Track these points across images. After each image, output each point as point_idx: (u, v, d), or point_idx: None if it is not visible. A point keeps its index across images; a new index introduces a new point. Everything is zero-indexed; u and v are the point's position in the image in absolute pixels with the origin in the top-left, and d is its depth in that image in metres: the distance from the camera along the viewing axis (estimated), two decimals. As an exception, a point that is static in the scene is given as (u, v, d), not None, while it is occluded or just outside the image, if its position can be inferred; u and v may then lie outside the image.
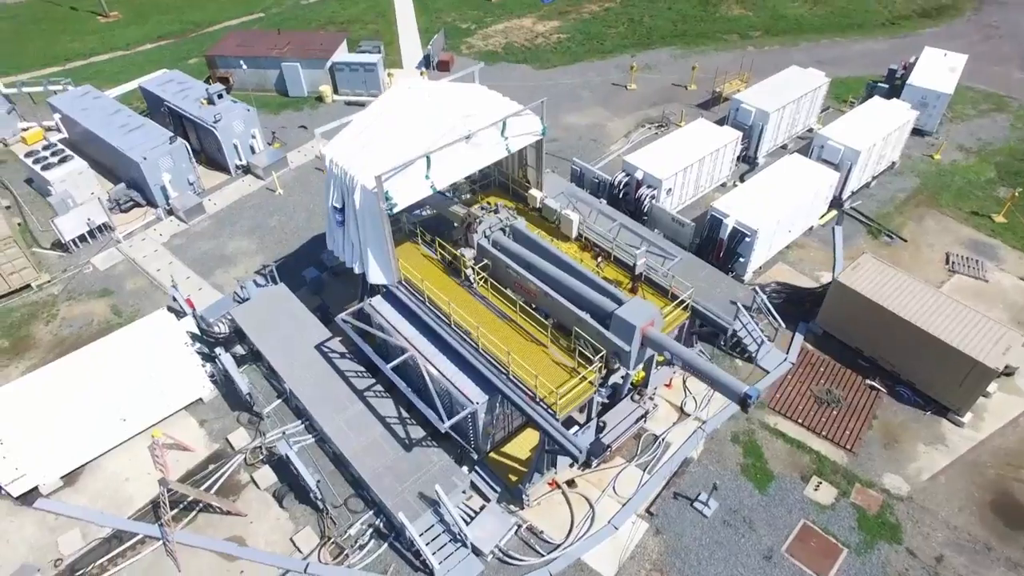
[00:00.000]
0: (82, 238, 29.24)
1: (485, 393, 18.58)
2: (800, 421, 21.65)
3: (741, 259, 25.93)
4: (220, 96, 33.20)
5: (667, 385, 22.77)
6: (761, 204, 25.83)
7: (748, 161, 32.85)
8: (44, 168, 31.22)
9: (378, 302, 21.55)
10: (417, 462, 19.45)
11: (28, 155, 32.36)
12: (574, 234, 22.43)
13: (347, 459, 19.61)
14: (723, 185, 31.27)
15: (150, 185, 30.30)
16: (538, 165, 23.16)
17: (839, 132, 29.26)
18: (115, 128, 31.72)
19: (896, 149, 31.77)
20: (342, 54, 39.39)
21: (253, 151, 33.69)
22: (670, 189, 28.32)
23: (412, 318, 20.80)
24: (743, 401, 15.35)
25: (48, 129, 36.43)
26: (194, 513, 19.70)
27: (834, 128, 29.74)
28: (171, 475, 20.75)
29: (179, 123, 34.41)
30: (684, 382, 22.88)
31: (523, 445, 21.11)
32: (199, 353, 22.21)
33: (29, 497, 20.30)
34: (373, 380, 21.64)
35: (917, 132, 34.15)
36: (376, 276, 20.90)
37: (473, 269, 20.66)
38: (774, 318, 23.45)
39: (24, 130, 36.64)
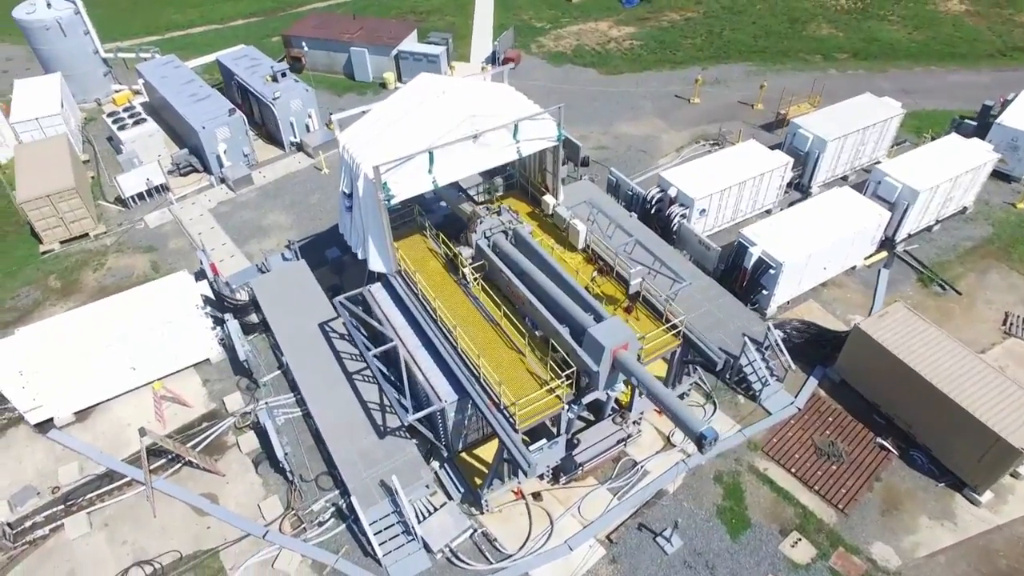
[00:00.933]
0: (140, 196, 31.41)
1: (456, 393, 18.57)
2: (793, 470, 20.32)
3: (764, 291, 24.58)
4: (283, 75, 34.71)
5: (658, 411, 21.95)
6: (794, 236, 24.36)
7: (800, 190, 31.03)
8: (120, 128, 33.76)
9: (376, 289, 21.95)
10: (388, 451, 19.68)
11: (110, 115, 35.09)
12: (580, 245, 21.94)
13: (323, 437, 20.14)
14: (768, 212, 29.68)
15: (207, 153, 32.14)
16: (555, 170, 22.80)
17: (900, 169, 27.09)
18: (185, 96, 33.82)
19: (970, 193, 29.08)
20: (409, 43, 40.22)
21: (308, 130, 35.03)
22: (704, 210, 27.19)
23: (404, 309, 21.06)
24: (698, 441, 14.57)
25: (136, 93, 39.35)
26: (179, 465, 20.81)
27: (895, 164, 27.58)
28: (167, 427, 22.04)
29: (245, 97, 36.26)
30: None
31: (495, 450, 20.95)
32: (211, 316, 23.34)
33: (44, 427, 22.13)
34: (364, 364, 22.07)
35: (1001, 176, 31.18)
36: (375, 264, 21.29)
37: (469, 268, 20.65)
38: (784, 358, 22.05)
39: (116, 92, 39.76)
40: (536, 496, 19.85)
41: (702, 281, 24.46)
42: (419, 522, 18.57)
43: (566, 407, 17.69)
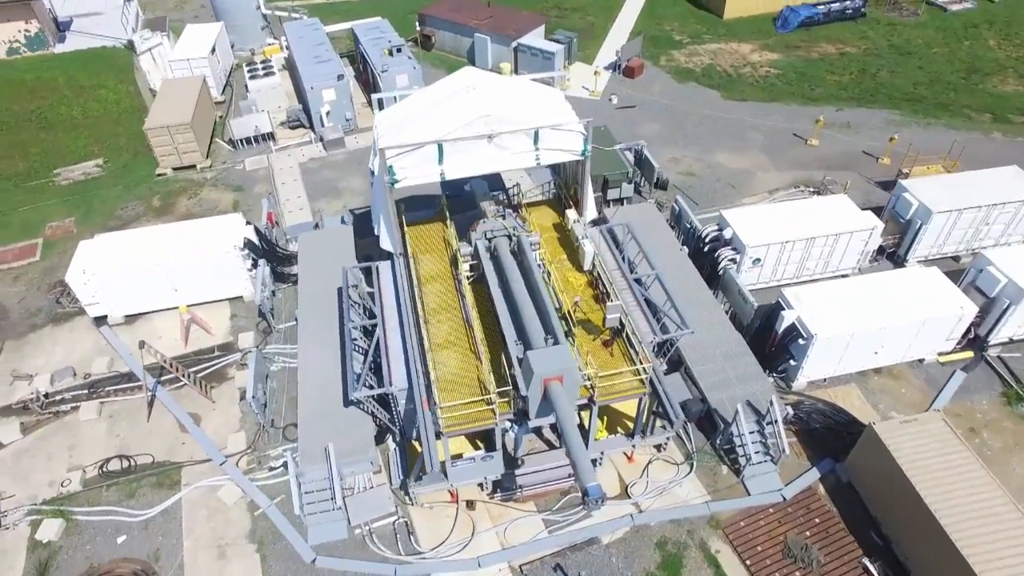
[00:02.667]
0: (248, 140, 34.77)
1: (407, 382, 18.78)
2: (748, 562, 18.19)
3: (792, 361, 22.06)
4: (399, 50, 36.52)
5: (629, 458, 20.63)
6: (842, 309, 21.56)
7: (895, 261, 27.22)
8: (251, 77, 37.51)
9: (384, 266, 22.64)
10: (348, 421, 20.28)
11: (248, 64, 39.07)
12: (586, 266, 21.09)
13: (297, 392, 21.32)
14: (844, 276, 26.38)
15: (311, 111, 34.77)
16: (581, 185, 22.01)
17: (1010, 260, 22.88)
18: (309, 57, 36.74)
19: (1109, 309, 23.84)
20: (532, 37, 40.37)
21: (411, 106, 36.54)
22: (758, 260, 24.84)
23: (398, 291, 21.57)
24: (583, 494, 13.64)
25: (281, 48, 43.39)
26: (182, 384, 23.07)
27: (1006, 254, 23.32)
28: (188, 347, 24.50)
29: (366, 66, 38.60)
30: (648, 464, 20.51)
31: (461, 445, 20.86)
32: (249, 258, 25.41)
33: (99, 321, 25.53)
34: (365, 332, 22.92)
35: None
36: (384, 242, 21.95)
37: (464, 265, 20.68)
38: (781, 439, 19.64)
39: (268, 45, 44.11)
40: (470, 504, 19.60)
41: (726, 335, 22.46)
42: (350, 494, 19.16)
43: (498, 423, 17.28)
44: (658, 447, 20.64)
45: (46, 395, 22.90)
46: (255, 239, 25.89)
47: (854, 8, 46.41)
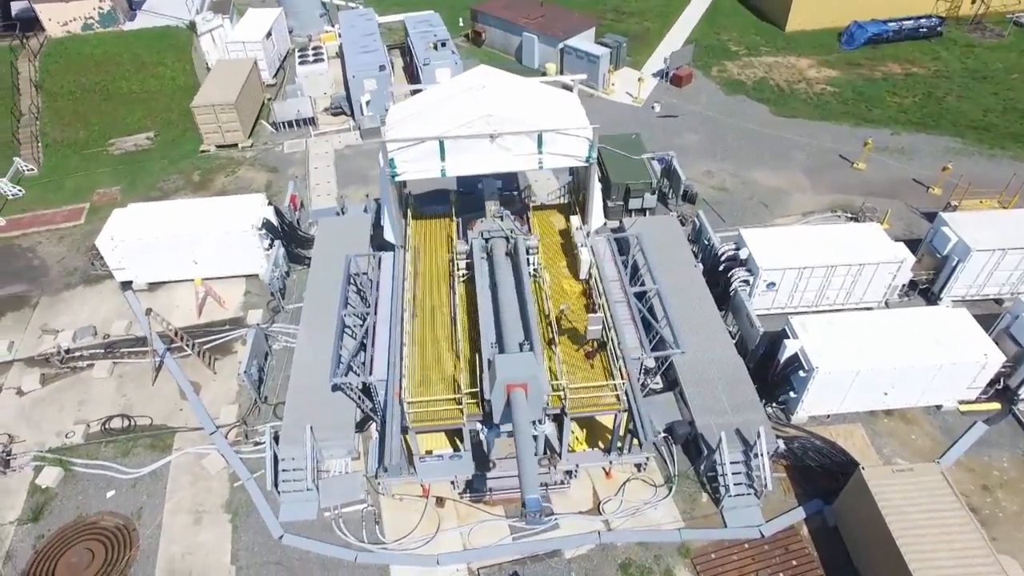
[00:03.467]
0: (289, 124, 35.84)
1: (387, 373, 18.95)
2: (713, 596, 17.55)
3: (792, 393, 21.07)
4: (443, 44, 36.82)
5: (607, 474, 20.19)
6: (851, 344, 20.44)
7: (927, 297, 25.59)
8: (301, 63, 38.63)
9: (386, 256, 22.91)
10: (332, 405, 20.62)
11: (300, 50, 40.25)
12: (582, 275, 20.76)
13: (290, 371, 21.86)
14: (868, 309, 24.97)
15: (352, 100, 35.51)
16: (587, 191, 21.63)
17: (1049, 309, 21.15)
18: (357, 47, 37.54)
19: None
20: (580, 39, 39.92)
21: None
22: (773, 284, 23.82)
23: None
24: (522, 505, 13.45)
25: (338, 36, 44.45)
26: (190, 353, 24.01)
27: (1046, 302, 21.55)
28: (201, 318, 25.51)
29: (412, 57, 39.13)
30: (625, 483, 20.01)
31: (438, 439, 20.92)
32: (267, 238, 26.19)
33: (125, 286, 26.89)
34: (361, 322, 23.28)
35: None
36: (387, 233, 22.22)
37: (459, 263, 20.70)
38: (764, 473, 18.75)
39: (325, 32, 45.30)
40: (439, 501, 19.62)
41: (727, 358, 21.63)
42: (326, 477, 19.56)
43: (466, 424, 17.24)
44: (638, 466, 20.12)
45: (67, 351, 24.30)
46: (274, 220, 26.66)
47: (929, 26, 43.77)
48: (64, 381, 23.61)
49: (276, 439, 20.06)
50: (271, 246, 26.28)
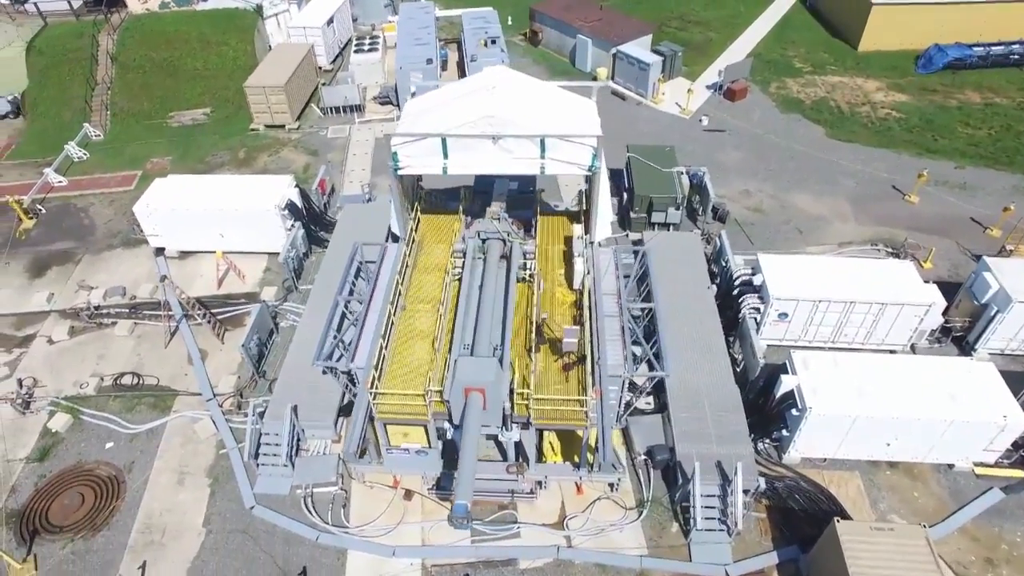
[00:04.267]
0: (337, 109, 36.83)
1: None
2: (663, 630, 16.96)
3: (785, 432, 20.06)
4: (493, 42, 36.94)
5: (578, 490, 19.81)
6: (853, 386, 19.26)
7: (961, 346, 23.77)
8: (355, 52, 39.64)
9: (392, 247, 23.23)
10: (321, 387, 21.15)
11: (357, 39, 41.27)
12: (575, 284, 20.42)
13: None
14: (892, 352, 23.42)
15: (399, 90, 36.14)
16: (589, 202, 21.23)
17: (1087, 375, 19.24)
18: (410, 39, 38.16)
19: None
20: (633, 45, 39.09)
21: (493, 98, 36.89)
22: (785, 315, 22.71)
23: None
24: (451, 508, 13.42)
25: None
26: (204, 322, 25.12)
27: (1085, 366, 19.61)
28: (222, 289, 26.66)
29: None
30: (595, 501, 19.56)
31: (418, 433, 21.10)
32: (289, 219, 27.05)
33: (158, 252, 28.40)
34: (362, 305, 23.70)
35: None
36: (393, 224, 22.52)
37: (451, 260, 20.81)
38: (736, 511, 17.88)
39: (388, 22, 46.23)
40: (408, 494, 19.80)
41: (723, 386, 20.83)
42: (305, 455, 20.17)
43: (431, 420, 17.31)
44: (611, 485, 19.64)
45: (96, 307, 25.91)
46: (299, 202, 27.50)
47: (1022, 53, 40.42)
48: (89, 335, 25.21)
49: (263, 414, 20.78)
50: (293, 227, 27.12)
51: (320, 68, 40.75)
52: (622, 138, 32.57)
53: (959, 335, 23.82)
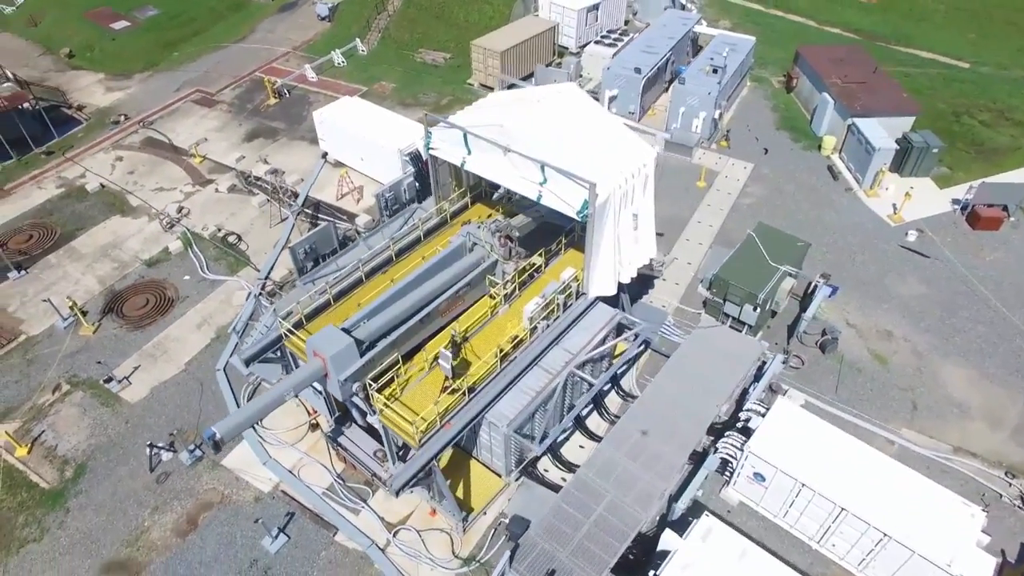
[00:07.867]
0: (541, 89, 38.07)
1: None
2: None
3: None
4: (715, 71, 34.00)
5: (431, 512, 19.48)
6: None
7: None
8: (596, 43, 40.07)
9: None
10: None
11: (610, 31, 41.85)
12: (523, 322, 19.28)
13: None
14: (892, 603, 17.43)
15: (606, 90, 35.75)
16: (585, 250, 19.50)
17: None
18: (644, 43, 37.20)
19: None
20: (875, 123, 32.03)
21: (694, 128, 34.03)
22: (761, 476, 18.43)
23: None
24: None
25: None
26: (297, 218, 29.51)
27: None
28: (338, 199, 30.89)
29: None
30: (437, 530, 19.03)
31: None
32: (408, 164, 29.64)
33: (325, 155, 33.64)
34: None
35: None
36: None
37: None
38: None
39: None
40: (313, 427, 21.60)
41: (630, 508, 17.95)
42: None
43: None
44: (463, 526, 18.86)
45: (255, 177, 32.24)
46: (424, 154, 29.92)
47: None
48: (237, 195, 31.64)
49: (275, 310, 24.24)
50: (407, 173, 29.77)
51: (565, 49, 42.03)
52: (790, 217, 28.69)
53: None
